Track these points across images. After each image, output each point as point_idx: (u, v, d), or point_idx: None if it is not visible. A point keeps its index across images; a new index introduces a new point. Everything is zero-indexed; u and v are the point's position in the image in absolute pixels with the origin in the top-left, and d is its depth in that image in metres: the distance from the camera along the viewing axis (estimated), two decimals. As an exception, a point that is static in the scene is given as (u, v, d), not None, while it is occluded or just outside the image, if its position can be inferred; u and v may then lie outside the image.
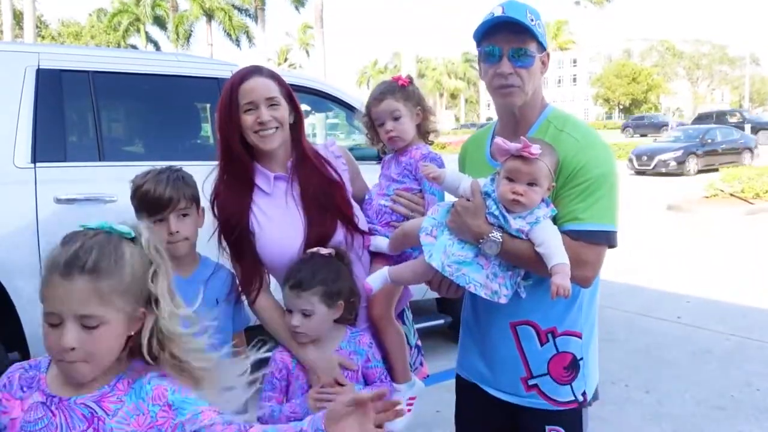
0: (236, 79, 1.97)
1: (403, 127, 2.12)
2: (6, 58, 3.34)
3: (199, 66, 3.95)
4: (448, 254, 1.69)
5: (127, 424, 1.22)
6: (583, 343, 1.85)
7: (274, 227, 2.00)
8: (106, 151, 3.50)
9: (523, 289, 1.74)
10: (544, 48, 1.77)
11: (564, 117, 1.81)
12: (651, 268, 7.39)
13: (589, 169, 1.68)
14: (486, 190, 1.71)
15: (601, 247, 1.70)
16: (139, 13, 38.31)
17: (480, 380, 1.96)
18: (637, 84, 66.82)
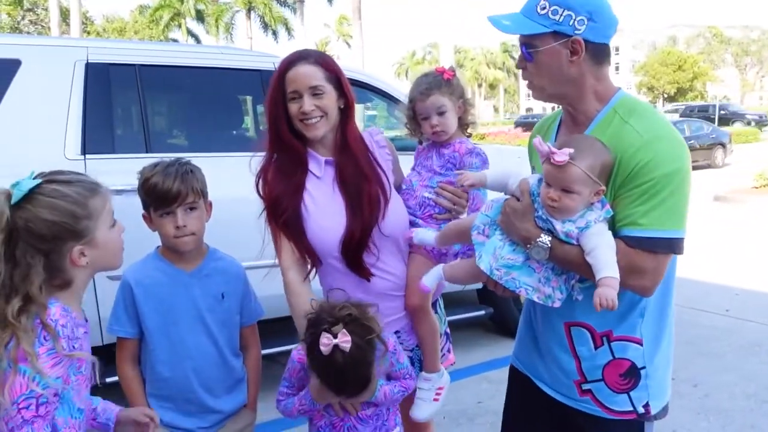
0: (282, 67, 1.98)
1: (447, 121, 2.10)
2: (56, 53, 3.43)
3: (241, 58, 4.00)
4: (497, 257, 1.60)
5: None
6: (645, 351, 1.69)
7: (320, 212, 2.00)
8: (152, 142, 3.57)
9: (579, 291, 1.63)
10: (565, 35, 1.59)
11: (632, 106, 1.63)
12: (698, 260, 7.22)
13: (652, 168, 1.50)
14: (533, 190, 1.60)
15: (661, 255, 1.53)
16: (181, 8, 38.89)
17: (535, 375, 1.88)
18: (683, 72, 65.18)
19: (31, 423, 1.38)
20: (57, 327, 1.42)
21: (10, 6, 31.35)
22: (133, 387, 2.06)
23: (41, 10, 32.70)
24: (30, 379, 1.37)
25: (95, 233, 1.49)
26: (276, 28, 38.24)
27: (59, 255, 1.46)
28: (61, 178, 1.49)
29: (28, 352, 1.36)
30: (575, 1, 1.57)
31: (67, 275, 1.49)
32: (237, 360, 2.16)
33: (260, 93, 3.95)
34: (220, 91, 4.03)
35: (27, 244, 1.41)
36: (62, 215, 1.44)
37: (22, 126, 3.20)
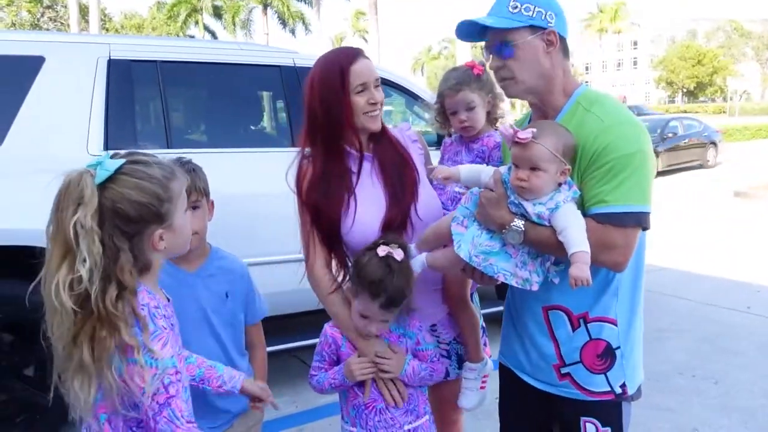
0: (344, 61, 1.95)
1: (476, 116, 2.12)
2: (79, 49, 3.47)
3: (261, 54, 4.02)
4: (475, 245, 1.69)
5: None
6: (620, 331, 1.77)
7: (359, 206, 1.99)
8: (173, 138, 3.61)
9: (555, 274, 1.71)
10: (541, 28, 1.71)
11: (593, 97, 1.75)
12: (718, 257, 7.15)
13: (613, 149, 1.61)
14: (505, 178, 1.69)
15: (630, 229, 1.62)
16: (198, 4, 39.08)
17: (518, 368, 1.94)
18: (702, 66, 64.36)
19: (167, 405, 1.38)
20: (151, 310, 1.40)
21: (30, 3, 31.70)
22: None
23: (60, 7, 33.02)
24: (148, 366, 1.35)
25: (174, 217, 1.46)
26: (293, 24, 38.29)
27: (141, 238, 1.41)
28: (143, 159, 1.43)
29: (131, 342, 1.33)
30: (543, 0, 1.72)
31: (148, 259, 1.45)
32: (243, 359, 2.15)
33: (280, 89, 3.97)
34: (240, 87, 4.05)
35: (113, 226, 1.36)
36: (149, 197, 1.39)
37: (46, 122, 3.24)
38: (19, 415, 3.26)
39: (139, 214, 1.38)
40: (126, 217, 1.37)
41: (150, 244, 1.43)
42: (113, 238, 1.36)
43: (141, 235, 1.41)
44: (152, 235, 1.42)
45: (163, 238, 1.44)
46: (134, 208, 1.37)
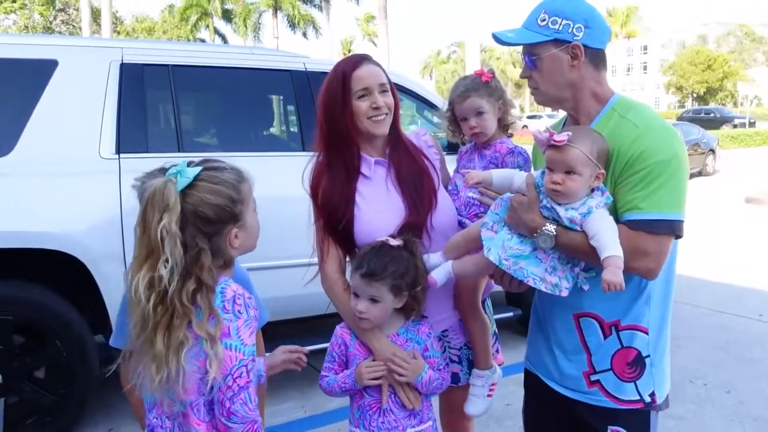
0: (348, 67, 2.00)
1: (486, 123, 2.14)
2: (92, 53, 3.49)
3: (272, 58, 4.03)
4: (505, 248, 1.70)
5: None
6: (651, 340, 1.77)
7: (373, 211, 2.01)
8: (184, 142, 3.62)
9: (584, 281, 1.71)
10: (566, 41, 1.72)
11: (628, 104, 1.75)
12: (731, 264, 7.10)
13: (648, 156, 1.60)
14: (538, 182, 1.70)
15: (663, 236, 1.61)
16: (208, 7, 39.27)
17: (545, 374, 1.93)
18: (713, 71, 64.06)
19: (245, 388, 1.52)
20: (245, 300, 1.55)
21: (42, 6, 31.94)
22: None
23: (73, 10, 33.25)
24: (237, 350, 1.50)
25: (246, 216, 1.60)
26: (303, 28, 38.41)
27: (220, 237, 1.56)
28: (215, 165, 1.59)
29: (205, 332, 1.46)
30: (571, 11, 1.72)
31: (227, 256, 1.60)
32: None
33: (291, 93, 3.97)
34: (251, 91, 4.06)
35: (195, 228, 1.51)
36: (224, 199, 1.54)
37: (59, 125, 3.26)
38: (30, 416, 3.27)
39: (217, 215, 1.53)
40: (206, 219, 1.52)
41: (227, 242, 1.57)
42: (195, 239, 1.51)
43: (219, 235, 1.56)
44: (229, 234, 1.57)
45: (237, 236, 1.59)
46: (213, 210, 1.52)
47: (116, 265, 3.25)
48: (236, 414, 1.51)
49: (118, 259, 3.24)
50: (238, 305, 1.53)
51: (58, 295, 3.28)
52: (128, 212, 3.25)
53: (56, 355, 3.26)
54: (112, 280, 3.25)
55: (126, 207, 3.25)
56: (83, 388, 3.36)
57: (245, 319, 1.53)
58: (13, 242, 3.08)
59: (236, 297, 1.54)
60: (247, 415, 1.52)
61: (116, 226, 3.24)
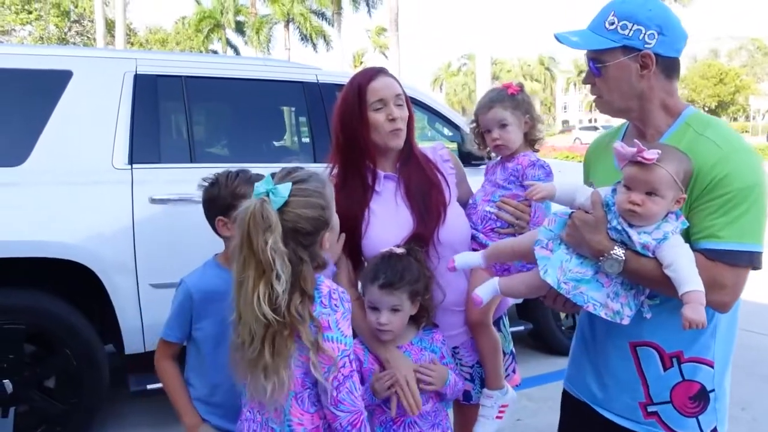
0: (364, 79, 2.00)
1: (509, 135, 2.10)
2: (107, 64, 3.52)
3: (285, 70, 4.05)
4: (564, 270, 1.55)
5: None
6: (716, 373, 1.63)
7: (382, 225, 2.00)
8: (196, 153, 3.63)
9: (648, 309, 1.57)
10: (636, 49, 1.58)
11: (706, 120, 1.61)
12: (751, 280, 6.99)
13: (732, 180, 1.47)
14: (607, 201, 1.54)
15: (741, 269, 1.48)
16: (221, 19, 39.60)
17: (591, 400, 1.80)
18: (724, 85, 63.79)
19: (350, 377, 1.61)
20: (340, 294, 1.63)
21: (57, 18, 32.32)
22: (175, 382, 2.08)
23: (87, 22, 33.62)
24: (339, 342, 1.59)
25: (332, 219, 1.68)
26: (314, 40, 38.62)
27: (315, 244, 1.63)
28: (300, 176, 1.63)
29: (309, 342, 1.55)
30: (645, 16, 1.57)
31: (320, 259, 1.67)
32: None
33: (303, 104, 3.98)
34: (263, 103, 4.08)
35: (295, 242, 1.57)
36: (317, 210, 1.61)
37: (73, 135, 3.28)
38: (39, 425, 3.27)
39: (314, 227, 1.61)
40: (305, 232, 1.59)
41: (321, 247, 1.66)
42: (297, 252, 1.58)
43: (315, 242, 1.63)
44: (322, 239, 1.65)
45: (327, 239, 1.67)
46: (310, 223, 1.59)
47: (127, 275, 3.26)
48: (343, 402, 1.59)
49: (130, 270, 3.25)
50: (334, 299, 1.61)
51: (69, 304, 3.29)
52: (140, 223, 3.27)
53: (66, 364, 3.26)
54: (122, 290, 3.26)
55: (138, 217, 3.26)
56: (93, 397, 3.36)
57: (342, 312, 1.61)
58: (25, 251, 3.09)
59: (331, 292, 1.62)
60: (354, 404, 1.60)
61: (128, 236, 3.25)
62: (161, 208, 3.33)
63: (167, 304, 2.11)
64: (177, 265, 3.37)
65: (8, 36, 31.32)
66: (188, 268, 2.14)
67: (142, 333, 3.34)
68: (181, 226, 3.34)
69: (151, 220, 3.29)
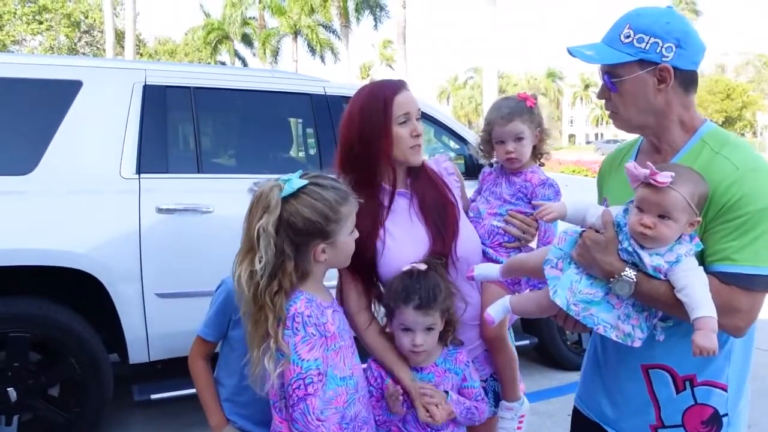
0: (388, 91, 1.92)
1: (523, 149, 2.07)
2: (116, 75, 3.54)
3: (292, 82, 4.07)
4: (574, 291, 1.52)
5: None
6: (730, 397, 1.59)
7: (398, 244, 1.95)
8: (204, 163, 3.65)
9: (661, 332, 1.53)
10: (654, 62, 1.54)
11: (723, 137, 1.56)
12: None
13: (748, 202, 1.42)
14: (618, 221, 1.50)
15: (758, 293, 1.44)
16: (229, 31, 39.88)
17: (602, 420, 1.77)
18: (731, 101, 63.75)
19: (304, 400, 1.61)
20: (304, 318, 1.63)
21: (68, 28, 32.62)
22: (205, 382, 2.08)
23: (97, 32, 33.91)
24: (295, 364, 1.61)
25: (338, 236, 1.69)
26: (322, 52, 38.82)
27: (306, 249, 1.66)
28: (322, 182, 1.69)
29: (271, 333, 1.60)
30: (662, 29, 1.52)
31: (307, 267, 1.69)
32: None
33: (310, 116, 4.00)
34: (271, 114, 4.10)
35: (286, 234, 1.62)
36: (318, 215, 1.64)
37: (81, 144, 3.31)
38: (42, 434, 3.27)
39: (306, 228, 1.63)
40: (295, 229, 1.63)
41: (312, 255, 1.67)
42: (285, 244, 1.63)
43: (306, 246, 1.66)
44: (315, 248, 1.67)
45: (325, 251, 1.68)
46: (303, 222, 1.63)
47: (133, 284, 3.26)
48: (297, 422, 1.62)
49: (136, 279, 3.26)
50: (297, 323, 1.62)
51: (74, 312, 3.29)
52: (147, 232, 3.27)
53: (71, 372, 3.27)
54: (128, 299, 3.26)
55: (145, 227, 3.27)
56: (97, 406, 3.35)
57: (302, 336, 1.62)
58: (31, 260, 3.10)
59: (296, 315, 1.63)
60: (307, 426, 1.61)
61: (135, 246, 3.26)
62: (168, 218, 3.34)
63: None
64: (183, 274, 3.39)
65: (19, 46, 31.63)
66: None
67: (147, 343, 3.35)
68: (187, 236, 3.35)
69: (158, 229, 3.30)
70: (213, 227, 3.39)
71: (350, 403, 1.74)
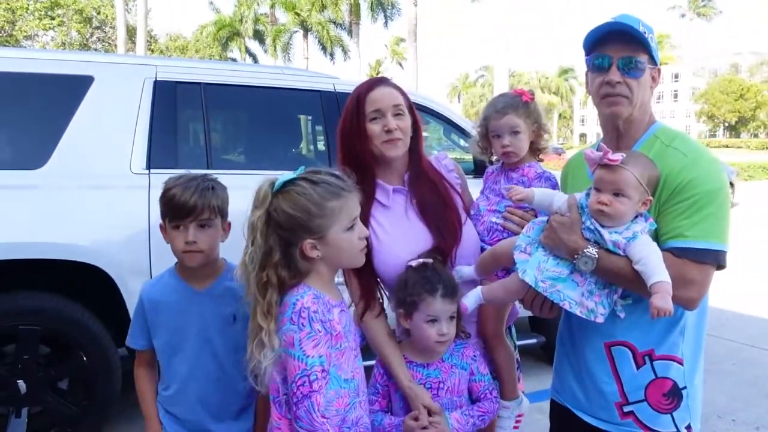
0: (363, 89, 2.00)
1: (520, 143, 2.09)
2: (127, 70, 3.56)
3: (302, 79, 4.07)
4: (542, 270, 1.66)
5: None
6: (686, 371, 1.74)
7: (395, 240, 1.98)
8: (213, 159, 3.66)
9: (621, 308, 1.67)
10: (655, 62, 1.72)
11: (673, 133, 1.74)
12: (763, 296, 6.93)
13: (697, 185, 1.59)
14: (581, 203, 1.67)
15: (707, 266, 1.59)
16: (240, 28, 39.98)
17: (574, 405, 1.88)
18: (745, 101, 63.30)
19: (309, 397, 1.59)
20: (310, 314, 1.62)
21: (80, 24, 32.79)
22: (141, 389, 2.11)
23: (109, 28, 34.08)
24: (299, 360, 1.60)
25: (327, 232, 1.66)
26: (332, 49, 38.85)
27: (293, 244, 1.66)
28: (314, 178, 1.68)
29: (260, 325, 1.63)
30: (654, 36, 1.71)
31: (301, 264, 1.68)
32: (246, 384, 2.01)
33: (319, 113, 4.01)
34: (281, 111, 4.10)
35: (273, 229, 1.65)
36: (298, 210, 1.64)
37: (92, 139, 3.32)
38: (51, 427, 3.30)
39: (288, 223, 1.64)
40: (278, 224, 1.65)
41: (300, 251, 1.66)
42: (272, 238, 1.65)
43: (294, 242, 1.66)
44: (303, 244, 1.66)
45: (317, 248, 1.67)
46: (284, 217, 1.64)
47: (143, 279, 3.26)
48: (301, 419, 1.60)
49: (145, 274, 3.27)
50: (303, 318, 1.61)
51: (84, 306, 3.31)
52: (156, 227, 3.27)
53: (80, 366, 3.29)
54: (137, 295, 3.27)
55: (154, 222, 3.28)
56: (105, 400, 3.37)
57: (308, 332, 1.61)
58: (42, 253, 3.12)
59: (302, 310, 1.62)
60: (311, 424, 1.59)
61: (144, 240, 3.27)
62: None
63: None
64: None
65: (31, 41, 31.80)
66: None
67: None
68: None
69: (167, 225, 3.31)
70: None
71: (352, 406, 1.73)
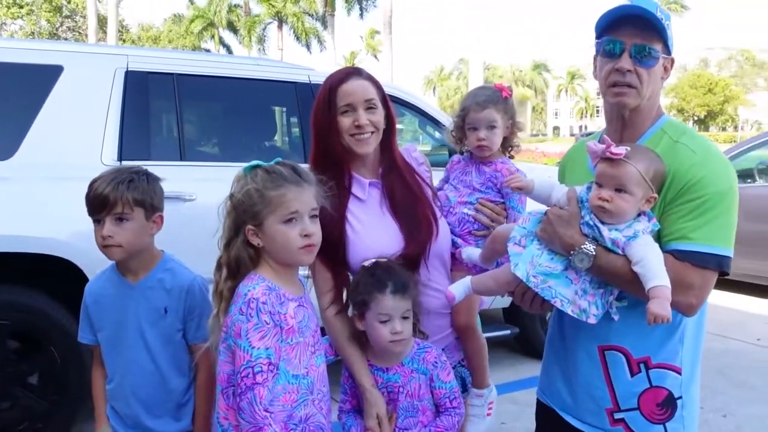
0: (335, 81, 1.94)
1: (494, 138, 2.10)
2: (97, 60, 3.50)
3: (277, 70, 4.04)
4: (534, 264, 1.56)
5: None
6: (683, 380, 1.64)
7: (370, 234, 1.95)
8: (186, 151, 3.62)
9: (616, 311, 1.57)
10: (669, 52, 1.62)
11: (682, 127, 1.64)
12: (731, 285, 7.06)
13: (706, 185, 1.49)
14: (582, 197, 1.56)
15: (709, 271, 1.50)
16: (214, 18, 39.50)
17: (561, 407, 1.80)
18: (714, 95, 64.42)
19: (252, 389, 1.58)
20: (259, 304, 1.62)
21: (49, 13, 32.15)
22: (94, 384, 2.12)
23: (80, 17, 33.45)
24: (245, 351, 1.59)
25: (264, 221, 1.68)
26: (307, 40, 38.58)
27: (241, 229, 1.71)
28: (270, 168, 1.72)
29: (219, 319, 1.68)
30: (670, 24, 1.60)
31: (247, 250, 1.71)
32: (181, 379, 2.03)
33: (294, 105, 3.98)
34: (255, 102, 4.07)
35: (233, 215, 1.72)
36: (244, 196, 1.68)
37: (62, 130, 3.26)
38: (21, 422, 3.24)
39: (238, 206, 1.70)
40: (233, 206, 1.71)
41: (244, 235, 1.70)
42: (228, 221, 1.72)
43: (239, 225, 1.70)
44: (245, 228, 1.70)
45: (258, 236, 1.69)
46: (236, 201, 1.70)
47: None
48: (243, 411, 1.59)
49: (116, 266, 3.22)
50: (251, 308, 1.61)
51: (54, 301, 3.26)
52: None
53: (50, 361, 3.23)
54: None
55: (126, 214, 3.23)
56: (77, 395, 3.33)
57: (255, 323, 1.60)
58: (11, 246, 3.06)
59: (251, 300, 1.62)
60: (253, 417, 1.58)
61: (115, 233, 3.22)
62: (150, 206, 3.30)
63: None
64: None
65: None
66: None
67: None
68: (169, 224, 3.30)
69: (140, 217, 3.27)
70: (196, 215, 3.36)
71: (301, 403, 1.69)
